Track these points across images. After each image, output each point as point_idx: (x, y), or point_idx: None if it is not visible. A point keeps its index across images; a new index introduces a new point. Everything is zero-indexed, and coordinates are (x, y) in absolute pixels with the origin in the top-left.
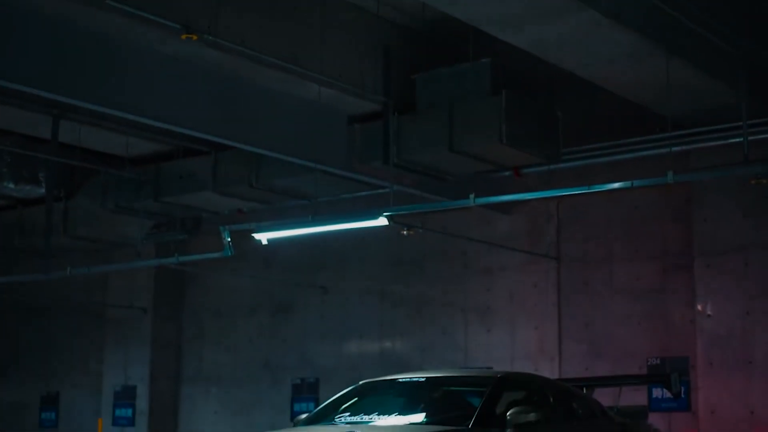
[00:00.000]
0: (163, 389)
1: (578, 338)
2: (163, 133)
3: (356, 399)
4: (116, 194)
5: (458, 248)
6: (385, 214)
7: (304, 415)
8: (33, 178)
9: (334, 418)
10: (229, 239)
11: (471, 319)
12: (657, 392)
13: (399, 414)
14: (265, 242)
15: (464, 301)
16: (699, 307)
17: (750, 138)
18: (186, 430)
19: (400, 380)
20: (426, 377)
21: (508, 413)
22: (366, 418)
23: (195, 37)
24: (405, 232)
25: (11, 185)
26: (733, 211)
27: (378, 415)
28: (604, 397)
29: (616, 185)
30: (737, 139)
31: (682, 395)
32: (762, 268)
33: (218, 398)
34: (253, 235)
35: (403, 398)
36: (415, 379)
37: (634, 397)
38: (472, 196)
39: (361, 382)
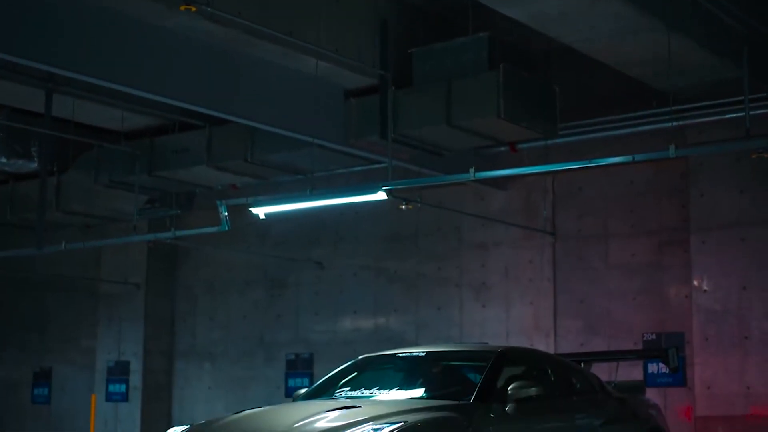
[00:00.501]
0: (156, 365)
1: (573, 314)
2: (157, 107)
3: (355, 374)
4: (110, 169)
5: (453, 224)
6: (384, 188)
7: (303, 390)
8: (25, 153)
9: (334, 393)
10: (226, 214)
11: (466, 295)
12: (653, 367)
13: (400, 389)
14: (262, 216)
15: (459, 277)
16: (695, 283)
17: (750, 113)
18: (180, 405)
19: (400, 355)
20: (426, 352)
21: (509, 388)
22: (366, 392)
23: (194, 9)
24: (403, 207)
25: (3, 160)
26: (729, 187)
27: (378, 389)
28: (599, 372)
29: (617, 159)
30: (738, 114)
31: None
32: (758, 244)
33: (212, 374)
34: (251, 209)
35: (403, 373)
36: (415, 354)
37: (630, 372)
38: (472, 170)
39: (360, 357)
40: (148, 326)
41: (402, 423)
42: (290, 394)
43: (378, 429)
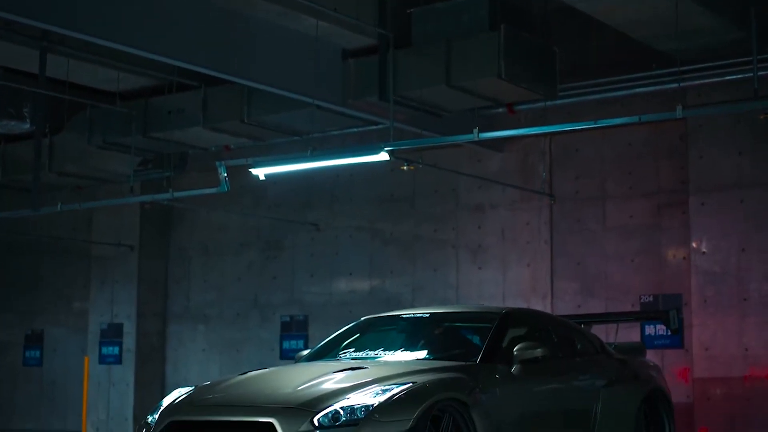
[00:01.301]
0: (150, 327)
1: (570, 276)
2: (152, 67)
3: (358, 335)
4: (103, 130)
5: (449, 186)
6: (386, 148)
7: (305, 351)
8: (18, 114)
9: (337, 354)
10: (225, 175)
11: (462, 257)
12: (650, 329)
13: (405, 350)
14: (262, 177)
15: (456, 239)
16: (694, 245)
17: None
18: (174, 367)
19: (404, 316)
20: (430, 313)
21: (515, 349)
22: (371, 354)
23: None
24: (405, 168)
25: None
26: (728, 149)
27: (383, 350)
28: (597, 334)
29: (622, 120)
30: (738, 76)
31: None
32: (757, 206)
33: (206, 336)
34: (251, 170)
35: (408, 334)
36: (418, 315)
37: (628, 334)
38: (476, 130)
39: (363, 318)
40: (142, 288)
41: (410, 384)
42: (285, 356)
43: (386, 390)
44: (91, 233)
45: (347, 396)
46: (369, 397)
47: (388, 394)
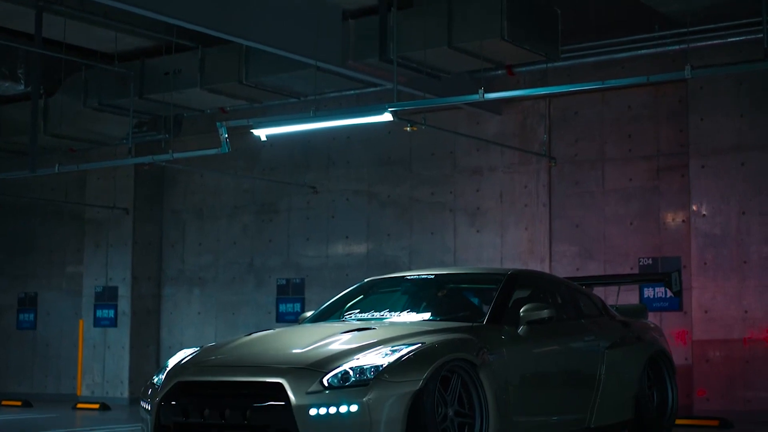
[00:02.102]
0: (144, 290)
1: (569, 239)
2: (148, 27)
3: (362, 297)
4: (99, 92)
5: (447, 148)
6: (390, 109)
7: (309, 313)
8: (12, 75)
9: (342, 315)
10: (226, 136)
11: (460, 220)
12: (648, 292)
13: (410, 311)
14: (264, 138)
15: (453, 202)
16: (694, 208)
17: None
18: (169, 330)
19: (409, 277)
20: (435, 274)
21: (521, 310)
22: (377, 315)
23: None
24: (408, 129)
25: None
26: (728, 111)
27: (389, 312)
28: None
29: (630, 80)
30: (739, 38)
31: (673, 296)
32: (758, 168)
33: (201, 299)
34: (252, 131)
35: (412, 295)
36: (423, 277)
37: (627, 297)
38: (481, 91)
39: (366, 280)
40: (136, 251)
41: (419, 344)
42: (281, 320)
43: (395, 350)
44: (85, 196)
45: (356, 356)
46: (378, 358)
47: (397, 355)
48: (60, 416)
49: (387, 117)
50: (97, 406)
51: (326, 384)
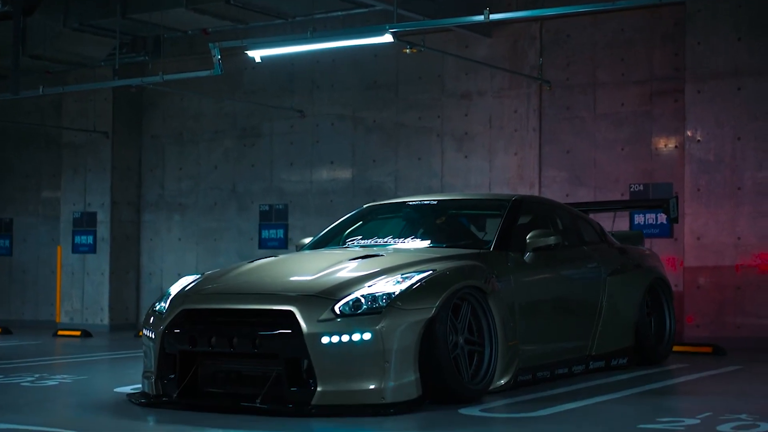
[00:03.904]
0: (124, 216)
1: (559, 164)
2: None
3: (361, 223)
4: (79, 11)
5: (435, 73)
6: (390, 30)
7: (307, 239)
8: None
9: (343, 242)
10: (219, 57)
11: (447, 145)
12: (639, 218)
13: (414, 238)
14: (258, 60)
15: (441, 127)
16: (688, 133)
17: None
18: (149, 257)
19: (410, 203)
20: (437, 200)
21: (528, 236)
22: (380, 241)
23: None
24: (407, 51)
25: None
26: (726, 35)
27: (393, 238)
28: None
29: (631, 2)
30: None
31: (665, 222)
32: (754, 94)
33: (181, 225)
34: (247, 52)
35: (415, 222)
36: (426, 202)
37: (618, 224)
38: (486, 11)
39: (365, 206)
40: (115, 176)
41: (431, 272)
42: (264, 246)
43: (407, 277)
44: (60, 120)
45: (367, 284)
46: (390, 285)
47: (408, 282)
48: (43, 343)
49: (387, 38)
50: (78, 333)
51: (338, 312)
